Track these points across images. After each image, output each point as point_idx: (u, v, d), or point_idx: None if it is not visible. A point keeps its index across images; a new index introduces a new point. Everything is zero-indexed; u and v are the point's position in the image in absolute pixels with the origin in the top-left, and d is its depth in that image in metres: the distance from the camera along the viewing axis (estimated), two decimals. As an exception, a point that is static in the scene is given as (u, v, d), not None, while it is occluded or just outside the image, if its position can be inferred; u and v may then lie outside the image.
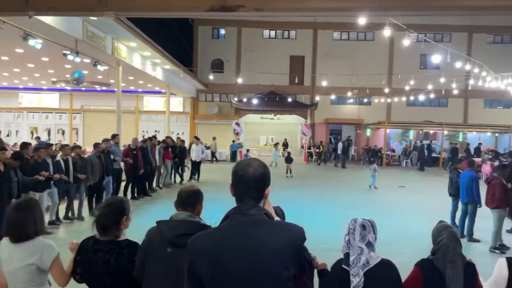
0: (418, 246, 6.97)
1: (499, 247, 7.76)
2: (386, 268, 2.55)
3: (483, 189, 8.35)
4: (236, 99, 28.70)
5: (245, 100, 27.99)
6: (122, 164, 11.54)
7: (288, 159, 19.13)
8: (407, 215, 10.51)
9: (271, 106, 27.37)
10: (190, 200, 2.75)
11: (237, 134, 27.12)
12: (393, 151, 28.79)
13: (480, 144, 26.61)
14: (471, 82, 18.75)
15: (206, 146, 25.54)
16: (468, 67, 14.98)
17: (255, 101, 27.36)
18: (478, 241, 8.32)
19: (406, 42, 11.12)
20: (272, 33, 30.28)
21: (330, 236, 6.80)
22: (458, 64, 14.36)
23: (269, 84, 28.53)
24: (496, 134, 28.52)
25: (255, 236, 1.76)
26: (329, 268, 2.75)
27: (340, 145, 25.22)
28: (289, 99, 27.35)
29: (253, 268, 1.72)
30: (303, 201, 12.16)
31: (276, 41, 30.15)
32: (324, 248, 5.43)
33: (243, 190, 1.85)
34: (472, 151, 24.99)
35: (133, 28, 12.65)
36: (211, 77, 24.12)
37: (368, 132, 29.97)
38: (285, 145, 28.10)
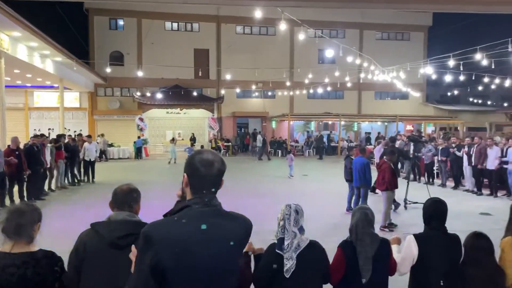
0: (313, 226, 7.30)
1: (388, 226, 8.48)
2: (314, 249, 2.75)
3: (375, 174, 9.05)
4: (138, 93, 27.51)
5: (148, 94, 26.96)
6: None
7: None
8: (310, 201, 11.04)
9: (176, 100, 26.76)
10: (127, 199, 2.51)
11: (141, 130, 26.04)
12: (297, 141, 30.14)
13: (379, 133, 29.00)
14: (363, 75, 20.27)
15: (108, 144, 24.14)
16: (359, 61, 16.13)
17: (159, 95, 26.53)
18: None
19: (302, 36, 11.54)
20: (175, 25, 29.59)
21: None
22: (350, 59, 15.42)
23: (174, 77, 27.90)
24: (386, 123, 31.35)
25: (221, 226, 1.78)
26: None
27: (259, 137, 25.55)
28: (195, 93, 27.02)
29: (220, 257, 1.75)
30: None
31: (179, 34, 29.51)
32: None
33: (204, 181, 1.82)
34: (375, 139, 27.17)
35: (14, 15, 11.36)
36: (108, 70, 22.80)
37: (274, 124, 30.92)
38: (193, 139, 27.76)
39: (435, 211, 3.14)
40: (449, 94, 38.39)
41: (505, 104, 42.95)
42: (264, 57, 28.92)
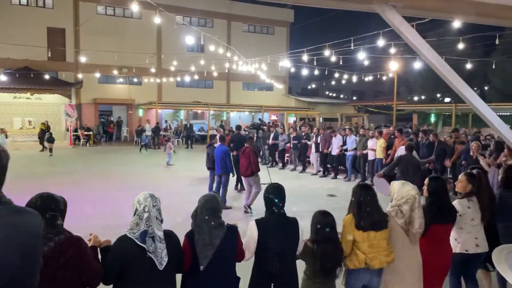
0: (174, 215, 7.17)
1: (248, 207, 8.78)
2: (170, 238, 2.76)
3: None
4: (-23, 74, 23.58)
5: (-11, 76, 23.29)
6: None
7: (50, 139, 18.84)
8: (172, 190, 10.85)
9: (26, 84, 23.66)
10: None
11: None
12: (166, 130, 29.42)
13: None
14: (228, 66, 20.68)
15: None
16: (223, 51, 16.34)
17: (4, 78, 23.09)
18: (230, 207, 9.21)
19: (158, 20, 11.14)
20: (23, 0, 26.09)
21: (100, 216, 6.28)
22: (216, 49, 15.53)
23: (23, 58, 24.61)
24: (252, 113, 32.67)
25: (24, 224, 1.62)
26: None
27: (148, 126, 24.34)
28: (47, 76, 24.24)
29: (27, 256, 1.59)
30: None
31: (28, 9, 26.10)
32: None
33: None
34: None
35: None
36: None
37: (140, 112, 29.67)
38: (47, 127, 24.94)
39: (274, 196, 3.23)
40: (309, 87, 41.82)
41: (354, 98, 48.66)
42: (129, 41, 27.37)
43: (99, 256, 2.78)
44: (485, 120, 3.13)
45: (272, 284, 3.11)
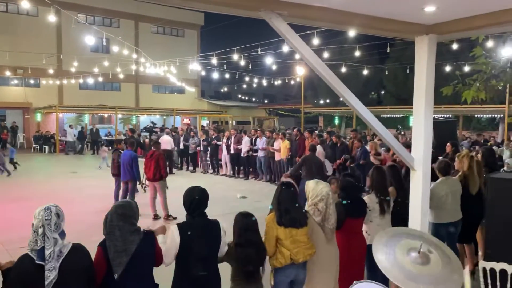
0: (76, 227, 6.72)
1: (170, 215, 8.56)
2: (77, 252, 2.55)
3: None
4: None
5: None
6: None
7: None
8: (74, 199, 10.16)
9: None
10: None
11: None
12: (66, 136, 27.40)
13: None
14: (135, 67, 19.97)
15: None
16: (128, 53, 15.76)
17: None
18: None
19: (52, 18, 10.41)
20: None
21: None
22: (120, 50, 14.90)
23: None
24: (164, 117, 31.92)
25: None
26: None
27: (70, 130, 23.47)
28: None
29: None
30: None
31: None
32: None
33: None
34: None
35: None
36: None
37: (39, 117, 27.33)
38: None
39: (195, 199, 3.20)
40: (221, 90, 42.07)
41: (266, 101, 50.06)
42: (24, 40, 25.08)
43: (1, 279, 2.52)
44: (367, 123, 3.41)
45: None
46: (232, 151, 14.31)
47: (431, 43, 3.58)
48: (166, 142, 14.68)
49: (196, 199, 3.20)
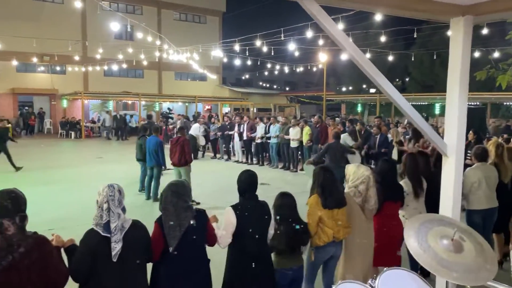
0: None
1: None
2: (136, 228, 2.76)
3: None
4: None
5: None
6: None
7: None
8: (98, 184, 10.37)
9: None
10: None
11: None
12: (94, 122, 27.98)
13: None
14: (159, 54, 20.09)
15: None
16: (151, 39, 15.83)
17: None
18: (162, 200, 9.01)
19: (79, 4, 10.50)
20: None
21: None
22: (148, 37, 14.98)
23: None
24: (186, 104, 32.13)
25: None
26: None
27: (107, 116, 23.95)
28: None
29: None
30: None
31: None
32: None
33: None
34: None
35: None
36: None
37: (65, 103, 27.92)
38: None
39: (248, 183, 3.45)
40: (242, 77, 41.98)
41: (287, 88, 49.72)
42: (50, 27, 25.53)
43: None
44: (400, 110, 3.34)
45: (253, 264, 3.28)
46: (244, 138, 14.44)
47: (467, 25, 3.44)
48: (195, 128, 15.24)
49: (248, 182, 3.45)
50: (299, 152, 13.30)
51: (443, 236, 2.54)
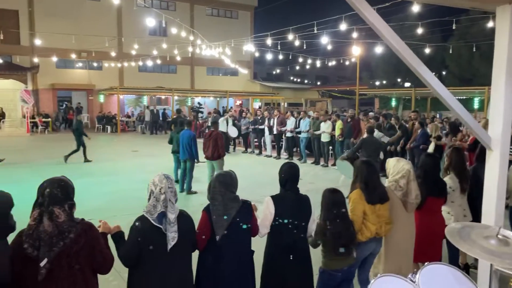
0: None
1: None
2: (184, 217, 2.80)
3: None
4: None
5: None
6: None
7: None
8: (139, 175, 10.65)
9: (-23, 69, 22.41)
10: None
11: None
12: (129, 117, 28.73)
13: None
14: (192, 50, 20.31)
15: None
16: (185, 35, 16.02)
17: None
18: (195, 192, 9.12)
19: (116, 1, 10.76)
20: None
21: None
22: (181, 33, 15.19)
23: (-28, 41, 23.17)
24: (218, 98, 32.42)
25: None
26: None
27: (148, 111, 24.56)
28: (0, 60, 23.02)
29: None
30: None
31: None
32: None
33: None
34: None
35: None
36: None
37: (101, 98, 28.77)
38: (1, 115, 23.84)
39: (290, 175, 3.43)
40: (273, 72, 41.87)
41: (318, 83, 49.20)
42: (87, 24, 26.34)
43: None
44: (444, 102, 3.24)
45: (291, 256, 3.27)
46: (275, 132, 14.42)
47: (515, 13, 3.29)
48: (221, 123, 15.23)
49: (289, 173, 3.43)
50: (330, 147, 13.17)
51: (487, 237, 2.51)
